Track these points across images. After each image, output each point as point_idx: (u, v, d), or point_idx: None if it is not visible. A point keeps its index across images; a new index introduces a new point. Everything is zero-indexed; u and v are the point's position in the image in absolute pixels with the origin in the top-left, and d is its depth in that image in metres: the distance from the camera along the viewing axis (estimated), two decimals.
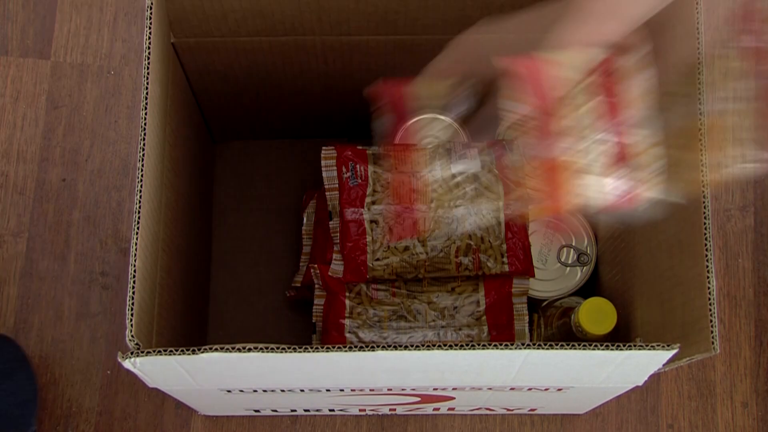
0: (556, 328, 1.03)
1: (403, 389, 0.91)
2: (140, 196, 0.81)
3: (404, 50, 1.02)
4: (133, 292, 0.78)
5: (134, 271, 0.79)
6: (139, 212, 0.80)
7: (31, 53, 1.27)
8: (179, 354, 0.74)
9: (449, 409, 1.12)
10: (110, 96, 1.26)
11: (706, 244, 0.79)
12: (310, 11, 0.95)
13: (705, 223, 0.79)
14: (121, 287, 1.20)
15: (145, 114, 0.83)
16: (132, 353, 0.75)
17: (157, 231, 0.96)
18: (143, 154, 0.82)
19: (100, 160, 1.24)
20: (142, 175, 0.82)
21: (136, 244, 0.79)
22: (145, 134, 0.82)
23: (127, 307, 0.77)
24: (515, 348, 0.74)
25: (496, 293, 1.03)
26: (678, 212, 0.85)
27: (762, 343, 1.20)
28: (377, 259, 1.03)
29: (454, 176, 1.07)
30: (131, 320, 0.77)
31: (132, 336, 0.77)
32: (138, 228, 0.80)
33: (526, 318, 1.04)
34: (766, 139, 0.80)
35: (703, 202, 0.79)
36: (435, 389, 0.92)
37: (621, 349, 0.75)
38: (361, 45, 1.01)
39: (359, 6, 0.95)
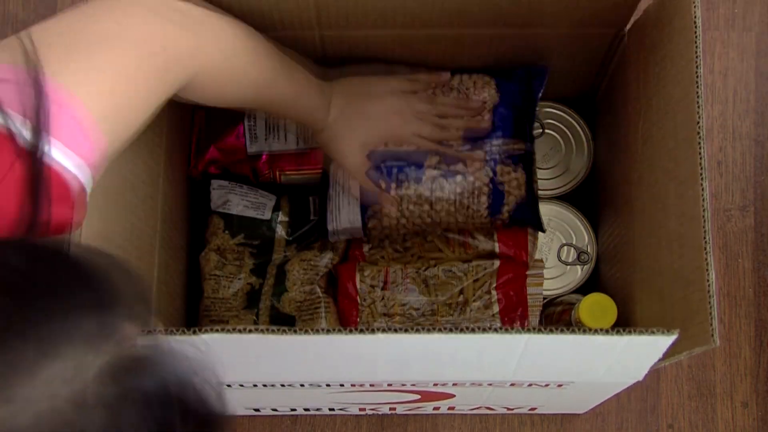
0: (556, 325, 1.03)
1: (403, 384, 0.91)
2: None
3: (403, 44, 1.02)
4: None
5: None
6: None
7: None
8: (180, 334, 0.74)
9: (449, 408, 1.12)
10: None
11: (704, 237, 0.79)
12: (308, 8, 0.96)
13: (704, 216, 0.79)
14: None
15: None
16: None
17: (154, 228, 0.97)
18: None
19: None
20: None
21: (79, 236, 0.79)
22: None
23: None
24: (516, 332, 0.73)
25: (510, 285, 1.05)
26: (677, 207, 0.85)
27: (762, 343, 1.19)
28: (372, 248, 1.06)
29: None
30: None
31: None
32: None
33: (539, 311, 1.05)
34: None
35: (702, 195, 0.79)
36: (435, 384, 0.92)
37: (621, 334, 0.75)
38: (359, 39, 1.01)
39: (358, 3, 0.95)
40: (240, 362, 0.82)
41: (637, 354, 0.80)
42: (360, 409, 1.14)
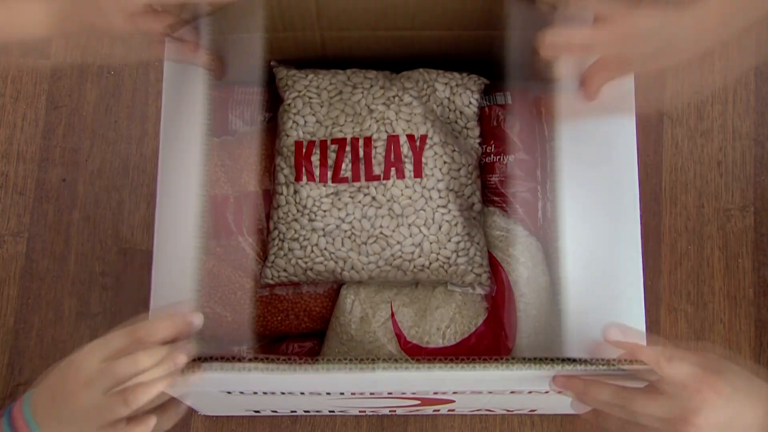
0: None
1: (403, 393, 0.91)
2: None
3: (404, 44, 1.01)
4: None
5: None
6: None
7: (31, 53, 1.27)
8: None
9: (449, 410, 1.12)
10: (110, 96, 1.26)
11: None
12: (309, 8, 0.95)
13: None
14: (121, 287, 1.20)
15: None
16: None
17: None
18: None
19: (100, 160, 1.24)
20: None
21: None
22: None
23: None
24: (516, 369, 0.74)
25: None
26: None
27: (762, 343, 1.19)
28: None
29: None
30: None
31: None
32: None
33: None
34: None
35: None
36: (435, 393, 0.92)
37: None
38: (360, 40, 1.01)
39: (358, 4, 0.95)
40: (241, 382, 0.83)
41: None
42: (360, 411, 1.14)
